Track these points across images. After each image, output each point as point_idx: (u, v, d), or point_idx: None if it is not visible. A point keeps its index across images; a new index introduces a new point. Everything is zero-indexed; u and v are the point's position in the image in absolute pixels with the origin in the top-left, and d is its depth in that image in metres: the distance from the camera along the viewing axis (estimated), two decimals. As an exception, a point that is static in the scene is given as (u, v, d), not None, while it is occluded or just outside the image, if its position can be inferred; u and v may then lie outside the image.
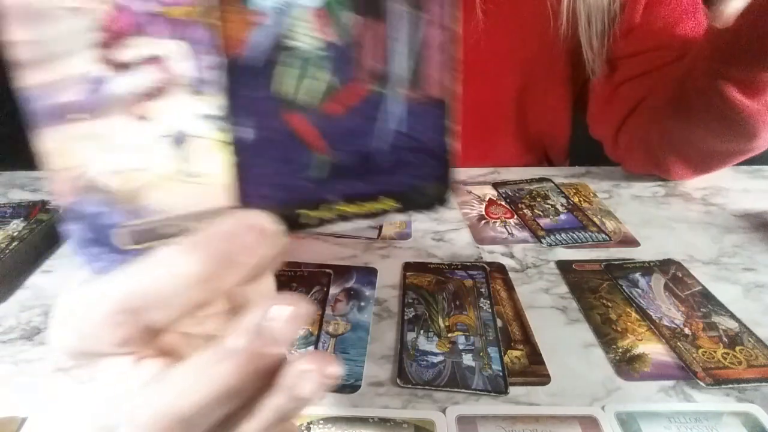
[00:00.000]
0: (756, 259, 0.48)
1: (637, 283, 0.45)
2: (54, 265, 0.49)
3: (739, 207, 0.58)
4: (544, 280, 0.46)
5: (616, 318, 0.41)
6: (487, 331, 0.39)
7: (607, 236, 0.52)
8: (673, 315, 0.41)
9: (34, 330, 0.41)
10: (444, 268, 0.47)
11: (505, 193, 0.61)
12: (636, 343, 0.38)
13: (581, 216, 0.56)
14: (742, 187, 0.62)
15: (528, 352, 0.38)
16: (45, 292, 0.45)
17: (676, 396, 0.34)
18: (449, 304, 0.42)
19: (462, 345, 0.38)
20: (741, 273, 0.46)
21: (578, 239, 0.52)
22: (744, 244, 0.51)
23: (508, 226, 0.54)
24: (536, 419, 0.32)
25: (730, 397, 0.34)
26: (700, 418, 0.32)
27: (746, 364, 0.36)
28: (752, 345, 0.38)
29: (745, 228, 0.54)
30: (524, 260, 0.49)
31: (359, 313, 0.42)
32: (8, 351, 0.39)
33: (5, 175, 0.68)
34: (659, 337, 0.39)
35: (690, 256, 0.49)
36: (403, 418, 0.32)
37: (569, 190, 0.61)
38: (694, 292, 0.44)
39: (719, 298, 0.43)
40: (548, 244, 0.51)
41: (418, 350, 0.38)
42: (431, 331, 0.39)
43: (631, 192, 0.61)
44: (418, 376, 0.35)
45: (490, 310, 0.42)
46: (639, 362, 0.37)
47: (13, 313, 0.43)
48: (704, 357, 0.37)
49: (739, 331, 0.39)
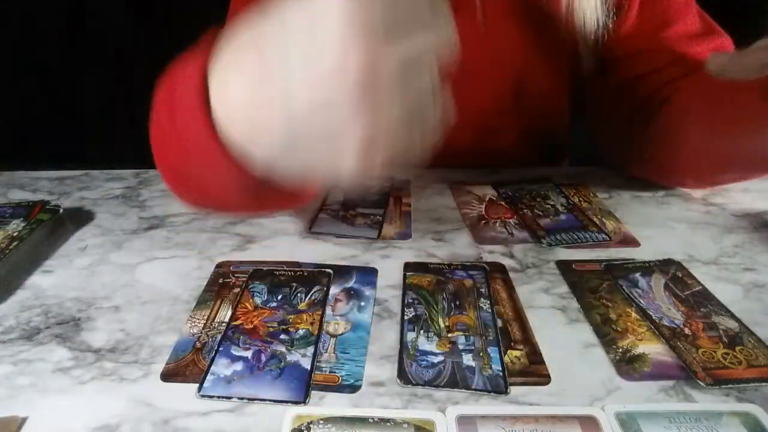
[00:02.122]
0: (756, 259, 0.48)
1: (637, 283, 0.45)
2: (54, 265, 0.49)
3: (739, 207, 0.58)
4: (544, 280, 0.46)
5: (616, 318, 0.41)
6: (487, 331, 0.39)
7: (607, 236, 0.52)
8: (673, 315, 0.41)
9: (34, 330, 0.41)
10: (444, 268, 0.47)
11: (505, 193, 0.61)
12: (636, 343, 0.38)
13: (581, 216, 0.56)
14: (742, 187, 0.62)
15: (528, 352, 0.38)
16: (45, 292, 0.45)
17: (676, 396, 0.34)
18: (449, 304, 0.42)
19: (462, 345, 0.38)
20: (741, 273, 0.46)
21: (578, 239, 0.52)
22: (744, 244, 0.51)
23: (508, 226, 0.54)
24: (536, 419, 0.32)
25: (730, 397, 0.34)
26: (700, 418, 0.32)
27: (746, 364, 0.36)
28: (752, 345, 0.38)
29: (745, 228, 0.54)
30: (524, 260, 0.49)
31: (359, 313, 0.42)
32: (8, 351, 0.39)
33: (5, 175, 0.68)
34: (659, 337, 0.39)
35: (690, 256, 0.49)
36: (403, 418, 0.32)
37: (569, 190, 0.61)
38: (694, 292, 0.44)
39: (719, 298, 0.43)
40: (548, 244, 0.51)
41: (418, 350, 0.38)
42: (431, 331, 0.39)
43: (631, 192, 0.61)
44: (418, 376, 0.35)
45: (490, 310, 0.42)
46: (639, 362, 0.37)
47: (13, 313, 0.43)
48: (704, 357, 0.37)
49: (739, 331, 0.39)
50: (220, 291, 0.45)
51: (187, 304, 0.43)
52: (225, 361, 0.37)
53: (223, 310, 0.42)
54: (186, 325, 0.41)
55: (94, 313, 0.43)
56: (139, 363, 0.37)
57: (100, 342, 0.39)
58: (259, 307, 0.43)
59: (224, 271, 0.48)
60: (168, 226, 0.56)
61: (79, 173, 0.69)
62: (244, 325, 0.40)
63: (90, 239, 0.54)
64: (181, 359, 0.37)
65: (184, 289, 0.45)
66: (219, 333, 0.40)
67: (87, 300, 0.44)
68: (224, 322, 0.41)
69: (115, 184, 0.66)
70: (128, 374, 0.36)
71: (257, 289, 0.45)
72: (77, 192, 0.64)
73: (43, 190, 0.65)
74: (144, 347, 0.39)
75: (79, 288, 0.46)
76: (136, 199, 0.62)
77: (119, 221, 0.57)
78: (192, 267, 0.49)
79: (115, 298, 0.44)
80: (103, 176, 0.68)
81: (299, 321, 0.41)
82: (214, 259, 0.49)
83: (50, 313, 0.43)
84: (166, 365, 0.37)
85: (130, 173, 0.69)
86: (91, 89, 1.25)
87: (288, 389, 0.35)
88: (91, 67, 1.23)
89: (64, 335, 0.40)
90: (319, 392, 0.35)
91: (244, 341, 0.39)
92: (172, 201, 0.61)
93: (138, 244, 0.53)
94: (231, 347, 0.38)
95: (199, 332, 0.40)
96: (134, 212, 0.59)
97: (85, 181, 0.67)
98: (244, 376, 0.36)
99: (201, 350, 0.38)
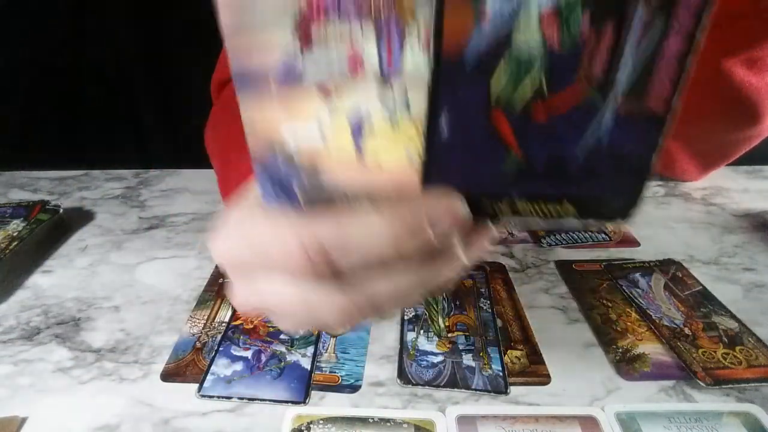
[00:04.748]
0: (756, 259, 0.48)
1: (637, 283, 0.45)
2: (54, 265, 0.49)
3: (739, 207, 0.57)
4: (544, 280, 0.46)
5: (616, 318, 0.41)
6: (487, 331, 0.39)
7: (607, 236, 0.52)
8: (673, 315, 0.41)
9: (34, 330, 0.41)
10: (444, 268, 0.47)
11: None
12: (636, 343, 0.38)
13: (581, 216, 0.55)
14: (742, 187, 0.62)
15: (528, 352, 0.38)
16: (45, 292, 0.45)
17: (676, 396, 0.34)
18: (449, 304, 0.42)
19: (462, 345, 0.38)
20: (741, 273, 0.46)
21: (578, 239, 0.52)
22: (744, 244, 0.51)
23: (508, 226, 0.54)
24: (536, 419, 0.32)
25: (730, 397, 0.34)
26: (700, 418, 0.32)
27: (746, 364, 0.36)
28: (752, 345, 0.38)
29: (745, 228, 0.54)
30: (524, 260, 0.49)
31: (359, 313, 0.42)
32: (8, 351, 0.39)
33: (5, 175, 0.68)
34: (659, 337, 0.39)
35: (690, 256, 0.49)
36: (403, 418, 0.32)
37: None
38: (694, 292, 0.44)
39: (719, 298, 0.43)
40: (548, 244, 0.51)
41: (418, 350, 0.38)
42: (431, 331, 0.39)
43: (631, 192, 0.61)
44: (418, 376, 0.35)
45: (490, 310, 0.42)
46: (639, 362, 0.37)
47: (13, 313, 0.43)
48: (704, 357, 0.37)
49: (739, 331, 0.39)
50: (220, 291, 0.45)
51: (187, 304, 0.43)
52: (225, 361, 0.37)
53: (223, 310, 0.42)
54: (186, 325, 0.41)
55: (94, 313, 0.43)
56: (139, 363, 0.37)
57: (100, 342, 0.39)
58: (259, 307, 0.43)
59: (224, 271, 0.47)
60: (168, 226, 0.56)
61: (79, 173, 0.69)
62: (244, 325, 0.40)
63: (90, 239, 0.54)
64: (181, 359, 0.37)
65: (184, 289, 0.45)
66: (219, 333, 0.40)
67: (87, 300, 0.44)
68: (224, 322, 0.41)
69: (115, 184, 0.66)
70: (128, 374, 0.36)
71: (257, 289, 0.45)
72: (77, 192, 0.64)
73: (43, 190, 0.65)
74: (144, 347, 0.39)
75: (79, 288, 0.46)
76: (136, 199, 0.62)
77: (119, 221, 0.57)
78: (192, 267, 0.49)
79: (115, 298, 0.44)
80: (103, 176, 0.68)
81: (299, 321, 0.41)
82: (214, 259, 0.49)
83: (50, 313, 0.43)
84: (166, 365, 0.37)
85: (130, 173, 0.69)
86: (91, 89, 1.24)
87: (288, 389, 0.35)
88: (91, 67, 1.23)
89: (64, 335, 0.40)
90: (319, 392, 0.35)
91: (244, 341, 0.39)
92: (172, 201, 0.61)
93: (138, 244, 0.53)
94: (231, 347, 0.38)
95: (199, 332, 0.40)
96: (134, 212, 0.59)
97: (85, 181, 0.67)
98: (244, 376, 0.36)
99: (201, 350, 0.38)
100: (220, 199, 0.62)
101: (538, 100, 0.16)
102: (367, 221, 0.18)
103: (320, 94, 0.16)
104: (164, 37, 1.25)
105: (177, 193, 0.63)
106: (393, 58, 0.16)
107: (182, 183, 0.66)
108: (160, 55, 1.29)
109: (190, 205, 0.60)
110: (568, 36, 0.15)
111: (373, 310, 0.21)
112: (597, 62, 0.15)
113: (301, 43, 0.15)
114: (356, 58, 0.16)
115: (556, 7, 0.14)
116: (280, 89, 0.16)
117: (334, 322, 0.21)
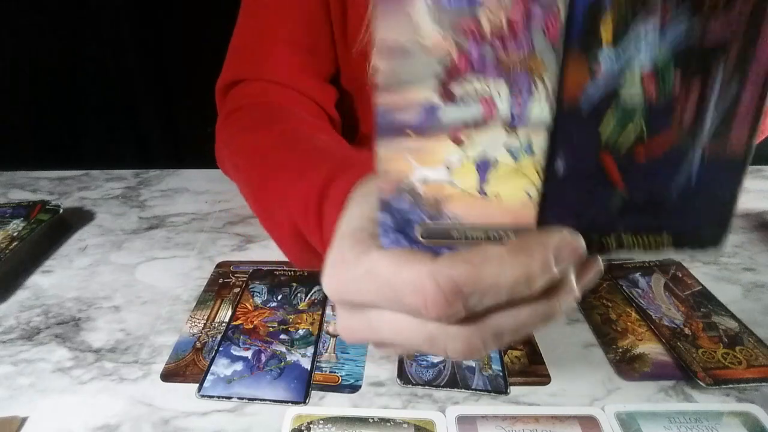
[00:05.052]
0: (756, 259, 0.48)
1: (637, 283, 0.45)
2: (54, 265, 0.49)
3: (739, 207, 0.57)
4: (544, 280, 0.46)
5: (616, 318, 0.41)
6: (487, 331, 0.39)
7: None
8: (673, 315, 0.41)
9: (34, 330, 0.41)
10: (444, 268, 0.47)
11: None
12: (636, 343, 0.38)
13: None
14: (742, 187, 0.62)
15: (528, 352, 0.38)
16: (45, 292, 0.45)
17: (676, 396, 0.34)
18: (449, 304, 0.42)
19: (462, 345, 0.38)
20: (741, 273, 0.46)
21: (578, 239, 0.52)
22: (744, 244, 0.51)
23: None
24: (536, 419, 0.32)
25: (730, 397, 0.34)
26: (700, 418, 0.32)
27: (746, 364, 0.36)
28: (752, 345, 0.38)
29: (745, 228, 0.54)
30: (524, 260, 0.49)
31: (359, 313, 0.42)
32: (8, 351, 0.39)
33: (5, 175, 0.68)
34: (659, 337, 0.39)
35: (690, 255, 0.49)
36: (403, 418, 0.32)
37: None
38: (694, 292, 0.44)
39: (719, 298, 0.43)
40: (548, 244, 0.51)
41: (418, 350, 0.38)
42: (431, 331, 0.39)
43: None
44: (418, 376, 0.35)
45: (490, 310, 0.42)
46: (639, 362, 0.37)
47: (13, 313, 0.43)
48: (704, 357, 0.37)
49: (739, 331, 0.39)
50: (220, 291, 0.45)
51: (187, 304, 0.43)
52: (225, 361, 0.37)
53: (223, 310, 0.42)
54: (186, 325, 0.41)
55: (94, 313, 0.43)
56: (139, 363, 0.37)
57: (100, 342, 0.39)
58: (259, 307, 0.43)
59: (224, 271, 0.48)
60: (168, 226, 0.56)
61: (79, 173, 0.69)
62: (244, 325, 0.40)
63: (90, 239, 0.54)
64: (181, 359, 0.37)
65: (184, 289, 0.45)
66: (219, 333, 0.40)
67: (87, 300, 0.44)
68: (224, 322, 0.41)
69: (115, 184, 0.66)
70: (128, 374, 0.36)
71: (257, 289, 0.45)
72: (77, 192, 0.64)
73: (43, 190, 0.65)
74: (144, 347, 0.39)
75: (79, 288, 0.46)
76: (136, 199, 0.62)
77: (119, 221, 0.57)
78: (192, 267, 0.49)
79: (115, 298, 0.44)
80: (103, 176, 0.68)
81: (299, 321, 0.41)
82: (214, 259, 0.49)
83: (50, 313, 0.43)
84: (166, 365, 0.37)
85: (130, 173, 0.69)
86: (91, 89, 1.25)
87: (288, 389, 0.35)
88: (91, 67, 1.23)
89: (64, 335, 0.40)
90: (319, 392, 0.35)
91: (244, 341, 0.39)
92: (172, 201, 0.61)
93: (138, 244, 0.53)
94: (231, 347, 0.38)
95: (199, 332, 0.40)
96: (134, 212, 0.59)
97: (85, 181, 0.67)
98: (244, 376, 0.36)
99: (201, 350, 0.38)
100: (219, 199, 0.62)
101: (639, 144, 0.19)
102: (499, 260, 0.19)
103: (453, 142, 0.19)
104: (164, 38, 1.25)
105: (177, 193, 0.63)
106: (521, 109, 0.18)
107: (182, 183, 0.66)
108: (160, 55, 1.29)
109: (190, 205, 0.60)
110: (663, 90, 0.18)
111: (495, 342, 0.21)
112: (687, 112, 0.18)
113: (442, 98, 0.18)
114: (489, 110, 0.18)
115: (654, 67, 0.18)
116: (418, 139, 0.18)
117: (458, 356, 0.22)
